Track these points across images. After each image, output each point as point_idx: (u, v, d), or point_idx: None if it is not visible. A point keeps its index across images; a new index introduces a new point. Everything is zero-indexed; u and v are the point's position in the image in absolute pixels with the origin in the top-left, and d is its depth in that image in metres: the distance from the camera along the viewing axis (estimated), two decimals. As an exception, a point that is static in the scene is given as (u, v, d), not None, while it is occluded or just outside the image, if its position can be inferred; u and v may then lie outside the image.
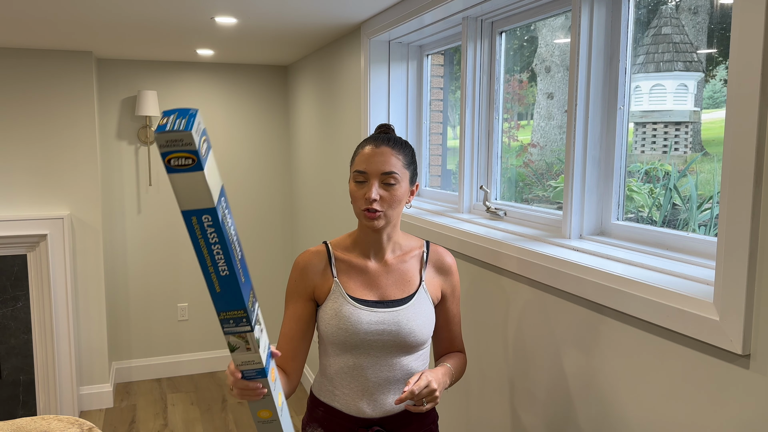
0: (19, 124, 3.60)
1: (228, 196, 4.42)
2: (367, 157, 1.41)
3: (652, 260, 1.38)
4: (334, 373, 1.46)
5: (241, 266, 1.15)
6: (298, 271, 1.46)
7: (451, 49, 2.59)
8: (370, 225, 1.41)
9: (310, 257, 1.47)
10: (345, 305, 1.42)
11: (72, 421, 1.74)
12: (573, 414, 1.49)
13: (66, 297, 3.59)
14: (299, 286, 1.46)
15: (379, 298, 1.45)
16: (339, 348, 1.44)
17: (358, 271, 1.46)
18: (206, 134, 0.98)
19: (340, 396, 1.46)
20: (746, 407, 1.05)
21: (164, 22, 2.74)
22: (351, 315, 1.41)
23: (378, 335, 1.41)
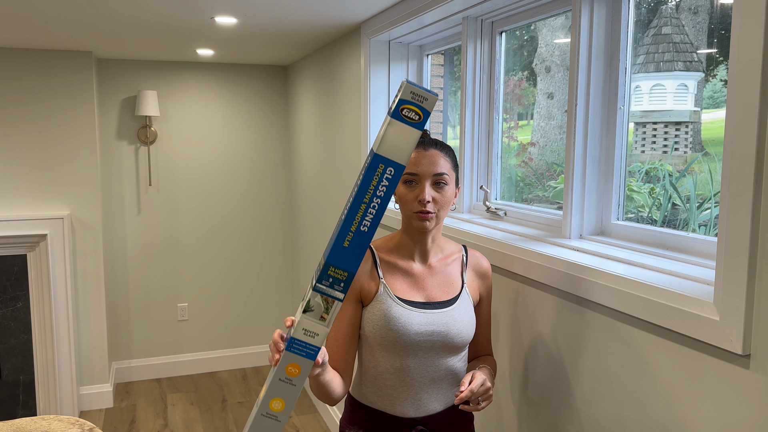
0: (19, 124, 3.60)
1: (228, 195, 4.42)
2: (417, 159, 1.41)
3: (652, 260, 1.38)
4: (378, 374, 1.45)
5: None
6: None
7: (451, 49, 2.59)
8: (421, 226, 1.41)
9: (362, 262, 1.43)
10: (394, 306, 1.41)
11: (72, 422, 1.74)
12: (572, 414, 1.49)
13: (66, 297, 3.59)
14: (351, 291, 1.43)
15: (425, 300, 1.45)
16: (386, 349, 1.42)
17: (404, 272, 1.46)
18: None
19: (384, 397, 1.45)
20: (746, 407, 1.05)
21: (164, 22, 2.74)
22: (401, 316, 1.41)
23: (428, 336, 1.42)
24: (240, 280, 4.51)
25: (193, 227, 4.36)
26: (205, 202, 4.37)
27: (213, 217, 4.40)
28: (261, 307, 4.59)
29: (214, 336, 4.50)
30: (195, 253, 4.39)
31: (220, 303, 4.49)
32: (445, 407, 1.48)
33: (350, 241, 1.11)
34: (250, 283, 4.54)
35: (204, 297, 4.44)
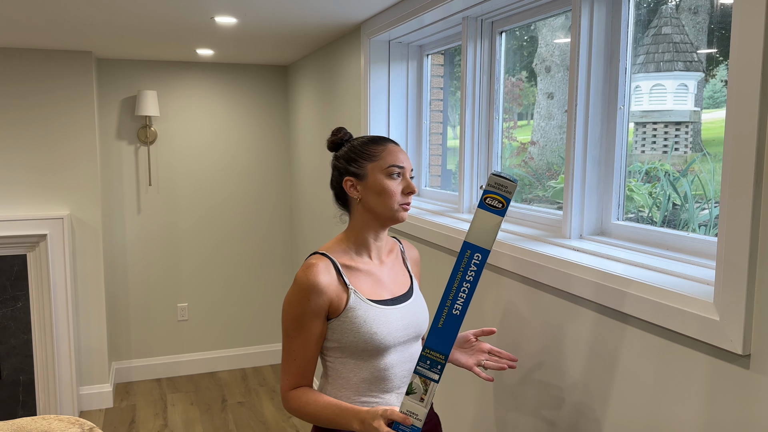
0: (19, 124, 3.60)
1: (228, 196, 4.42)
2: (396, 154, 1.44)
3: (652, 260, 1.38)
4: (360, 381, 1.43)
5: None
6: (316, 290, 1.37)
7: (451, 49, 2.59)
8: (404, 218, 1.45)
9: (322, 272, 1.39)
10: (371, 310, 1.41)
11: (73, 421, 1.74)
12: (572, 413, 1.49)
13: (66, 297, 3.59)
14: (318, 304, 1.38)
15: (391, 296, 1.47)
16: (369, 354, 1.41)
17: (366, 273, 1.46)
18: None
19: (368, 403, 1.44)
20: (746, 407, 1.05)
21: (164, 22, 2.74)
22: (379, 317, 1.42)
23: (404, 330, 1.45)
24: (240, 281, 4.51)
25: (193, 227, 4.36)
26: (205, 202, 4.37)
27: (213, 217, 4.40)
28: (261, 307, 4.59)
29: (214, 336, 4.50)
30: (195, 253, 4.39)
31: (220, 303, 4.49)
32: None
33: (445, 322, 1.19)
34: (250, 284, 4.54)
35: (204, 297, 4.44)
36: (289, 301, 1.40)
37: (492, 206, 1.16)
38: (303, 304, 1.38)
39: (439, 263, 2.14)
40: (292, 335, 1.40)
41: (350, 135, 1.50)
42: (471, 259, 1.18)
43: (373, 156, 1.44)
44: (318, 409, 1.36)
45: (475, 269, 1.18)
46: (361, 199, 1.44)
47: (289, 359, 1.41)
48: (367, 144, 1.46)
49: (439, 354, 1.20)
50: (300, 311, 1.38)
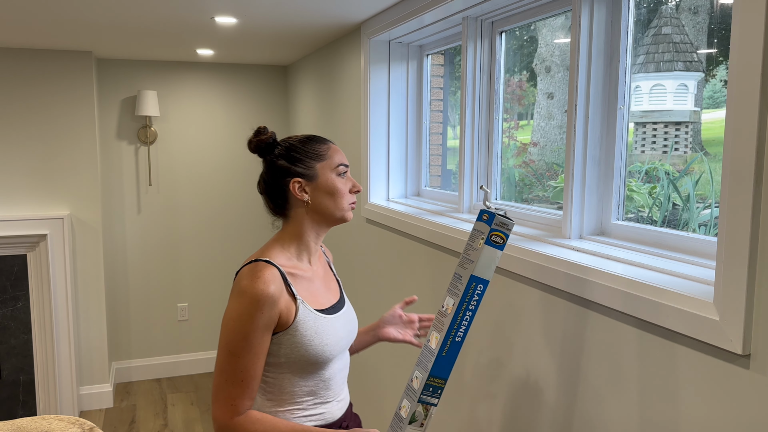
0: (19, 124, 3.60)
1: (228, 196, 4.42)
2: (341, 152, 1.42)
3: (652, 260, 1.38)
4: (308, 392, 1.38)
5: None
6: (268, 302, 1.27)
7: (451, 49, 2.59)
8: (350, 218, 1.42)
9: (272, 281, 1.29)
10: (319, 321, 1.35)
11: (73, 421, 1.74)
12: (572, 413, 1.49)
13: (66, 297, 3.59)
14: (269, 317, 1.28)
15: (330, 303, 1.43)
16: (317, 366, 1.36)
17: (308, 281, 1.39)
18: None
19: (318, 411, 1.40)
20: (746, 407, 1.05)
21: (164, 22, 2.74)
22: (328, 327, 1.37)
23: (346, 337, 1.43)
24: (240, 280, 4.51)
25: (193, 227, 4.36)
26: (205, 202, 4.37)
27: (213, 217, 4.40)
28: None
29: (214, 336, 4.50)
30: (195, 253, 4.39)
31: (220, 303, 4.49)
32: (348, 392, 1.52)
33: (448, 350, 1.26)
34: (250, 283, 4.53)
35: (204, 297, 4.44)
36: (238, 315, 1.27)
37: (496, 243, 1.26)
38: (255, 318, 1.26)
39: (440, 264, 2.15)
40: (240, 353, 1.27)
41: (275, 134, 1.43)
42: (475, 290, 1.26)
43: (321, 155, 1.39)
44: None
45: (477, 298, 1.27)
46: (309, 200, 1.38)
47: (234, 381, 1.27)
48: (310, 143, 1.40)
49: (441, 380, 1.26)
50: (251, 326, 1.27)
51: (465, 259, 1.28)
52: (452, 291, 1.28)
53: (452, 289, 1.28)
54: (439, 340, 1.25)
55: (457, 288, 1.27)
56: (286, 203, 1.40)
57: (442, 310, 1.30)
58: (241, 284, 1.29)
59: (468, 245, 1.30)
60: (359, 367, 2.93)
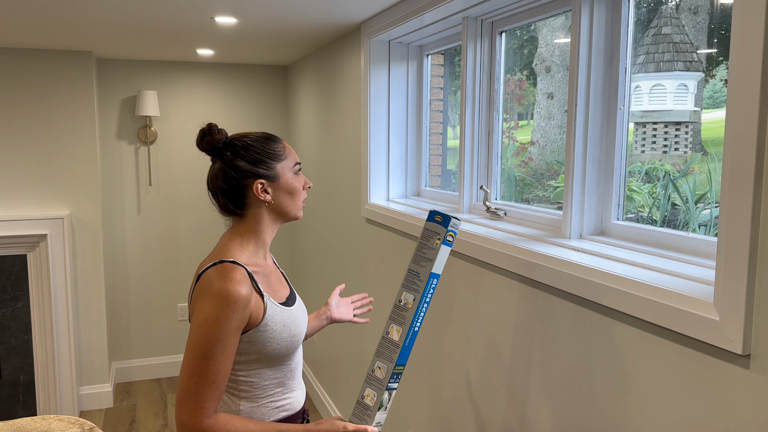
0: (19, 124, 3.60)
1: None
2: (293, 151, 1.45)
3: (652, 260, 1.38)
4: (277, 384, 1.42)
5: None
6: (242, 303, 1.28)
7: (451, 49, 2.59)
8: (301, 215, 1.47)
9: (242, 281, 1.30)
10: (285, 313, 1.39)
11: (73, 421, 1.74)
12: (572, 413, 1.49)
13: (66, 297, 3.59)
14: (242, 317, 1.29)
15: (287, 295, 1.47)
16: (286, 358, 1.40)
17: (266, 276, 1.41)
18: None
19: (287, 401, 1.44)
20: (746, 407, 1.05)
21: (164, 22, 2.74)
22: (292, 319, 1.41)
23: (305, 324, 1.50)
24: (240, 280, 4.51)
25: (193, 227, 4.36)
26: (205, 202, 4.37)
27: (213, 217, 4.40)
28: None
29: (214, 336, 4.50)
30: (195, 253, 4.39)
31: (220, 303, 4.48)
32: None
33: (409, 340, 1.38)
34: (250, 283, 4.53)
35: (204, 297, 4.44)
36: (213, 318, 1.26)
37: (449, 241, 1.40)
38: (230, 320, 1.27)
39: (439, 263, 2.14)
40: (213, 356, 1.26)
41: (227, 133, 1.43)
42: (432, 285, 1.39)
43: (279, 155, 1.40)
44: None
45: (432, 292, 1.40)
46: (271, 200, 1.39)
47: (206, 383, 1.26)
48: (268, 143, 1.40)
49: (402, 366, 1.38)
50: (226, 328, 1.27)
51: (421, 258, 1.40)
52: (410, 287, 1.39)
53: (410, 286, 1.39)
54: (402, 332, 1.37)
55: (416, 284, 1.39)
56: (244, 202, 1.39)
57: (401, 304, 1.40)
58: (213, 286, 1.28)
59: (422, 244, 1.41)
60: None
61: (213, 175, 1.40)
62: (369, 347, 2.90)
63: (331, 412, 3.53)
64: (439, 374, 2.19)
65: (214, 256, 1.36)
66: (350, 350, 3.20)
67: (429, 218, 1.41)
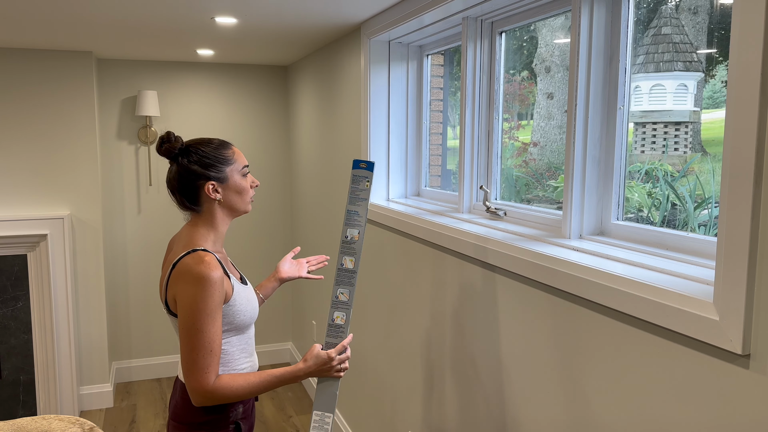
0: (20, 124, 3.60)
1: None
2: (242, 154, 1.69)
3: (652, 260, 1.38)
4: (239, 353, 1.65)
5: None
6: (218, 283, 1.52)
7: (451, 49, 2.59)
8: (250, 210, 1.71)
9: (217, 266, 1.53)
10: (246, 290, 1.68)
11: (73, 421, 1.74)
12: (572, 414, 1.49)
13: (66, 297, 3.59)
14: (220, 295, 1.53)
15: (240, 275, 1.74)
16: (246, 327, 1.66)
17: (225, 261, 1.67)
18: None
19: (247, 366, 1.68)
20: (746, 407, 1.05)
21: (164, 22, 2.74)
22: (250, 294, 1.69)
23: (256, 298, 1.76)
24: (240, 280, 4.51)
25: (193, 227, 4.36)
26: (205, 202, 4.36)
27: (213, 217, 4.39)
28: (260, 307, 4.59)
29: (214, 336, 4.50)
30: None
31: (220, 303, 4.49)
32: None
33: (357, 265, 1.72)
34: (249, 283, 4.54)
35: (204, 297, 4.44)
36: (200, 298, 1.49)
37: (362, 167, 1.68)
38: (214, 296, 1.51)
39: (440, 263, 2.15)
40: (206, 329, 1.51)
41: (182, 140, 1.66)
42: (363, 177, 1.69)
43: (229, 160, 1.63)
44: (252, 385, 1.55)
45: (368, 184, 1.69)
46: (222, 199, 1.62)
47: (205, 353, 1.51)
48: (218, 149, 1.63)
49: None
50: (212, 304, 1.51)
51: (357, 198, 1.66)
52: (353, 224, 1.65)
53: (353, 223, 1.65)
54: (356, 261, 1.66)
55: (357, 221, 1.65)
56: (198, 200, 1.63)
57: (347, 239, 1.66)
58: (193, 272, 1.50)
59: (354, 188, 1.67)
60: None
61: (171, 177, 1.63)
62: (369, 346, 2.90)
63: (331, 412, 3.53)
64: (439, 374, 2.19)
65: (185, 246, 1.59)
66: (350, 350, 3.20)
67: (355, 166, 1.68)
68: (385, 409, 2.73)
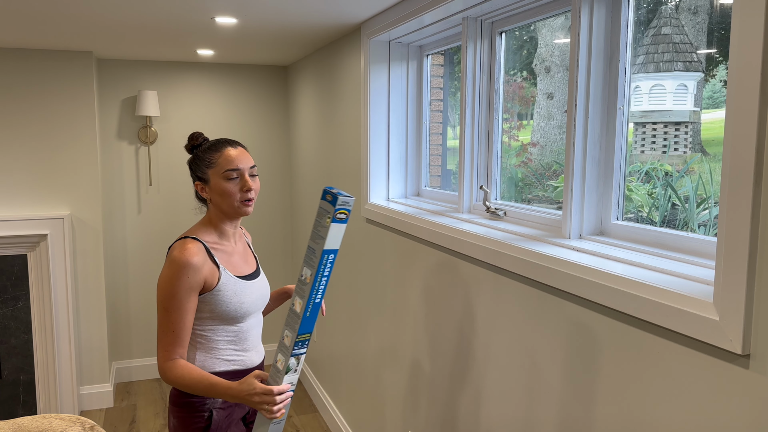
0: (20, 124, 3.61)
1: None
2: (235, 156, 1.68)
3: (652, 260, 1.38)
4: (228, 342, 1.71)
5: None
6: (192, 268, 1.59)
7: (451, 49, 2.59)
8: (247, 212, 1.70)
9: (197, 253, 1.61)
10: (239, 283, 1.70)
11: (74, 420, 1.74)
12: (572, 413, 1.49)
13: (66, 297, 3.59)
14: (195, 281, 1.60)
15: (250, 271, 1.77)
16: (236, 320, 1.70)
17: (229, 254, 1.73)
18: None
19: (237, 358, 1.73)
20: (746, 407, 1.05)
21: (164, 22, 2.74)
22: (245, 289, 1.71)
23: (261, 299, 1.77)
24: (240, 280, 4.51)
25: (193, 227, 4.36)
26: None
27: (213, 217, 4.39)
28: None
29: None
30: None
31: (220, 303, 4.49)
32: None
33: (310, 311, 1.50)
34: (250, 283, 4.53)
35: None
36: (167, 279, 1.59)
37: (341, 219, 1.45)
38: (182, 281, 1.58)
39: (440, 263, 2.15)
40: (171, 309, 1.59)
41: (205, 139, 1.74)
42: (328, 260, 1.48)
43: (211, 163, 1.67)
44: (192, 381, 1.58)
45: (330, 266, 1.49)
46: (210, 198, 1.70)
47: (167, 332, 1.60)
48: (206, 151, 1.69)
49: (308, 334, 1.52)
50: (179, 287, 1.58)
51: (316, 235, 1.50)
52: (308, 263, 1.51)
53: (308, 261, 1.51)
54: (302, 305, 1.50)
55: (312, 260, 1.50)
56: (199, 195, 1.74)
57: (302, 279, 1.52)
58: (172, 255, 1.61)
59: (317, 222, 1.50)
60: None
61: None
62: (369, 347, 2.90)
63: (331, 412, 3.54)
64: (440, 374, 2.19)
65: (184, 234, 1.70)
66: (350, 350, 3.21)
67: (322, 196, 1.49)
68: (385, 408, 2.73)
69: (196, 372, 1.59)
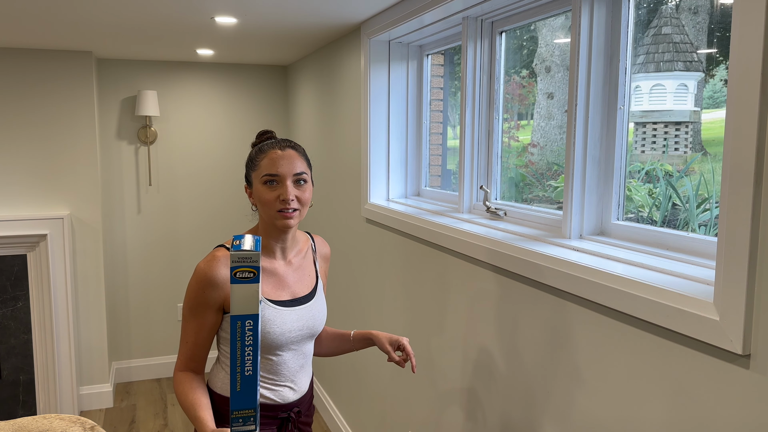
0: (19, 124, 3.60)
1: (228, 195, 4.42)
2: (276, 160, 1.47)
3: (652, 260, 1.38)
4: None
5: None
6: (212, 285, 1.43)
7: (451, 49, 2.59)
8: (285, 225, 1.47)
9: (218, 266, 1.44)
10: (267, 309, 1.48)
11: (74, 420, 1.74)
12: (572, 414, 1.49)
13: (66, 297, 3.59)
14: (210, 296, 1.44)
15: (291, 297, 1.54)
16: (263, 349, 1.50)
17: (268, 273, 1.52)
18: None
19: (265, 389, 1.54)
20: (746, 407, 1.05)
21: (164, 22, 2.74)
22: (275, 318, 1.49)
23: (299, 331, 1.54)
24: (240, 280, 4.50)
25: (194, 227, 4.36)
26: (205, 202, 4.37)
27: (213, 217, 4.40)
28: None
29: (214, 336, 4.50)
30: (195, 253, 4.39)
31: (220, 303, 4.48)
32: (309, 383, 1.64)
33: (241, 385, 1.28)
34: (250, 283, 4.53)
35: (204, 297, 4.44)
36: (189, 288, 1.46)
37: (245, 278, 1.22)
38: (198, 294, 1.45)
39: (440, 263, 2.15)
40: (188, 319, 1.48)
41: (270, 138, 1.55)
42: (245, 327, 1.25)
43: (255, 165, 1.50)
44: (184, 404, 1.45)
45: (251, 333, 1.26)
46: (254, 205, 1.53)
47: (183, 341, 1.49)
48: (256, 152, 1.52)
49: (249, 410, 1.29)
50: (195, 300, 1.45)
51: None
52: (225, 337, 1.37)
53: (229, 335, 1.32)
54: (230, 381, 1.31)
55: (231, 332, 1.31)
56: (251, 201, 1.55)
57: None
58: (199, 264, 1.47)
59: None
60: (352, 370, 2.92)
61: None
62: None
63: (331, 412, 3.54)
64: (440, 374, 2.19)
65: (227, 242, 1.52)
66: (350, 350, 3.20)
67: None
68: (385, 408, 2.73)
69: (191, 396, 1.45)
